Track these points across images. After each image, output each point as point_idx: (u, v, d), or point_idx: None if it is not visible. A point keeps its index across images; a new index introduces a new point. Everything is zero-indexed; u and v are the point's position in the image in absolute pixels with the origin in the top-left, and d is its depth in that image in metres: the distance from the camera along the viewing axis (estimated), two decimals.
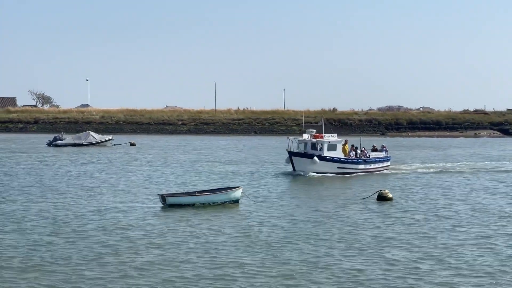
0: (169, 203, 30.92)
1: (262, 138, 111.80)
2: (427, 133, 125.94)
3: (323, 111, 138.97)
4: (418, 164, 56.76)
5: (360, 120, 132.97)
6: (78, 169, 51.25)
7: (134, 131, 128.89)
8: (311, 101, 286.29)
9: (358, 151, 50.21)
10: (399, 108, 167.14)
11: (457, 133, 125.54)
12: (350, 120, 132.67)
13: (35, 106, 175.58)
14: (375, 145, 53.88)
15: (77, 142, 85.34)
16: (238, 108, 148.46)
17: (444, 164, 57.56)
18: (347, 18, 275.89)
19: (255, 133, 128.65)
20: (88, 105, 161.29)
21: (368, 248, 22.27)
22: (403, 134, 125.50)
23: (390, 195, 34.03)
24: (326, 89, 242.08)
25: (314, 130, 49.70)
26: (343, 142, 49.56)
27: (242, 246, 22.42)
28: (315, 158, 46.98)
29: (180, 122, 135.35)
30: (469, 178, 46.37)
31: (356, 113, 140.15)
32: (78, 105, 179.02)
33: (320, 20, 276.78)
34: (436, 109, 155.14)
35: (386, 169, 50.98)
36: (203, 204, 31.31)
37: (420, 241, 23.41)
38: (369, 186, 40.24)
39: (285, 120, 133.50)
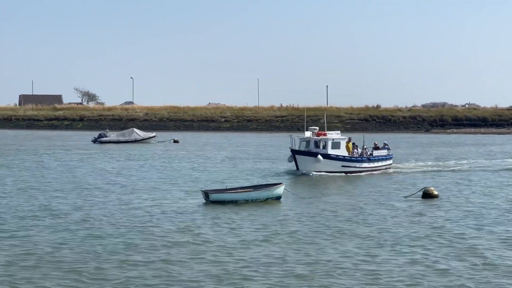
0: (212, 199, 30.96)
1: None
2: (472, 130, 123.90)
3: (366, 108, 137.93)
4: (420, 163, 54.50)
5: (404, 117, 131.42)
6: (122, 165, 51.75)
7: (177, 128, 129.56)
8: (354, 98, 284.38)
9: (359, 149, 48.35)
10: (443, 104, 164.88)
11: (503, 130, 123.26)
12: (394, 117, 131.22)
13: (80, 103, 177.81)
14: (376, 142, 51.68)
15: (121, 139, 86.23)
16: (281, 104, 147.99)
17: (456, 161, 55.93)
18: (392, 14, 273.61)
19: (298, 130, 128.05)
20: (132, 103, 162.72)
21: (450, 247, 21.93)
22: (448, 131, 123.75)
23: (436, 193, 33.61)
24: (370, 85, 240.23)
25: (317, 128, 48.01)
26: (346, 140, 47.67)
27: (287, 243, 22.33)
28: (319, 156, 45.32)
29: (223, 119, 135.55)
30: (503, 175, 45.61)
31: (400, 109, 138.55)
32: (122, 102, 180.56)
33: (364, 17, 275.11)
34: (482, 106, 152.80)
35: (389, 167, 49.06)
36: (246, 200, 31.29)
37: (495, 236, 23.04)
38: (404, 184, 39.88)
39: (327, 117, 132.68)
